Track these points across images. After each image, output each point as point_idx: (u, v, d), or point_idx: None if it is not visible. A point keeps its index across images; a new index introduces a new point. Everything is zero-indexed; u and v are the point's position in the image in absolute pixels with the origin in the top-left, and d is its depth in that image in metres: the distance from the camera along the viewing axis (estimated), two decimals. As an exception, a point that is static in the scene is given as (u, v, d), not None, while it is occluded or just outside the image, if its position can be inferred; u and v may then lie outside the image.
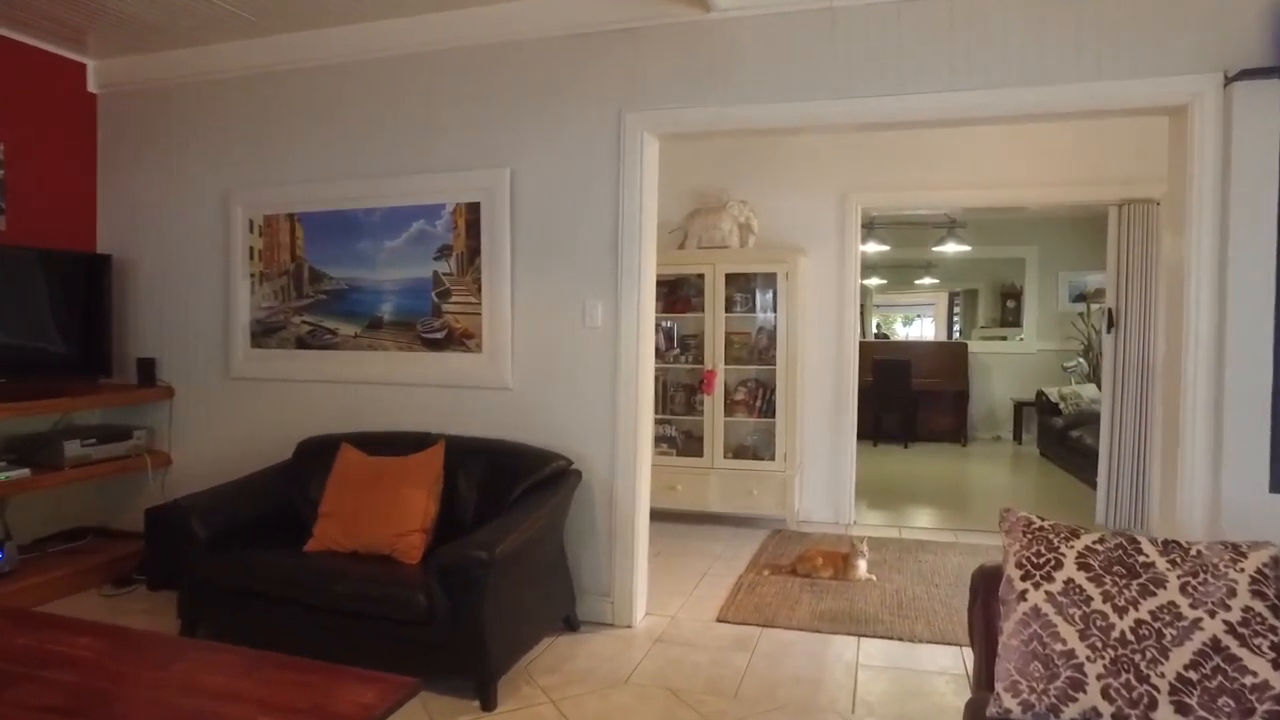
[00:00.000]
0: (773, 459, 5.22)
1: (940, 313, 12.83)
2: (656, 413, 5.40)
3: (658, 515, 5.39)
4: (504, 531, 2.89)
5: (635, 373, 3.53)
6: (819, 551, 4.27)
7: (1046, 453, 8.19)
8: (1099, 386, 8.39)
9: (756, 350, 5.39)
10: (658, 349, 5.54)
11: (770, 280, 5.27)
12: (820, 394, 5.48)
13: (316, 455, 3.67)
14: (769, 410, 5.26)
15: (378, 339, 3.99)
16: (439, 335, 3.88)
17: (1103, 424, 5.12)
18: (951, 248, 7.90)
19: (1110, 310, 5.09)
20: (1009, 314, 12.21)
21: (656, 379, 5.56)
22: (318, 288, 4.11)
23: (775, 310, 5.21)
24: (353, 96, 3.96)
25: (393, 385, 3.94)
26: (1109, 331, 5.09)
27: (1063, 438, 7.30)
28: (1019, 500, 6.26)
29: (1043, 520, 2.02)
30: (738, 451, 5.40)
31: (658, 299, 5.46)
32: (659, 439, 5.47)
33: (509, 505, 3.28)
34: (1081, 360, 8.82)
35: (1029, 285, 9.69)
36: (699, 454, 5.34)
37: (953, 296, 12.86)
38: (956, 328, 12.95)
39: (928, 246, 9.19)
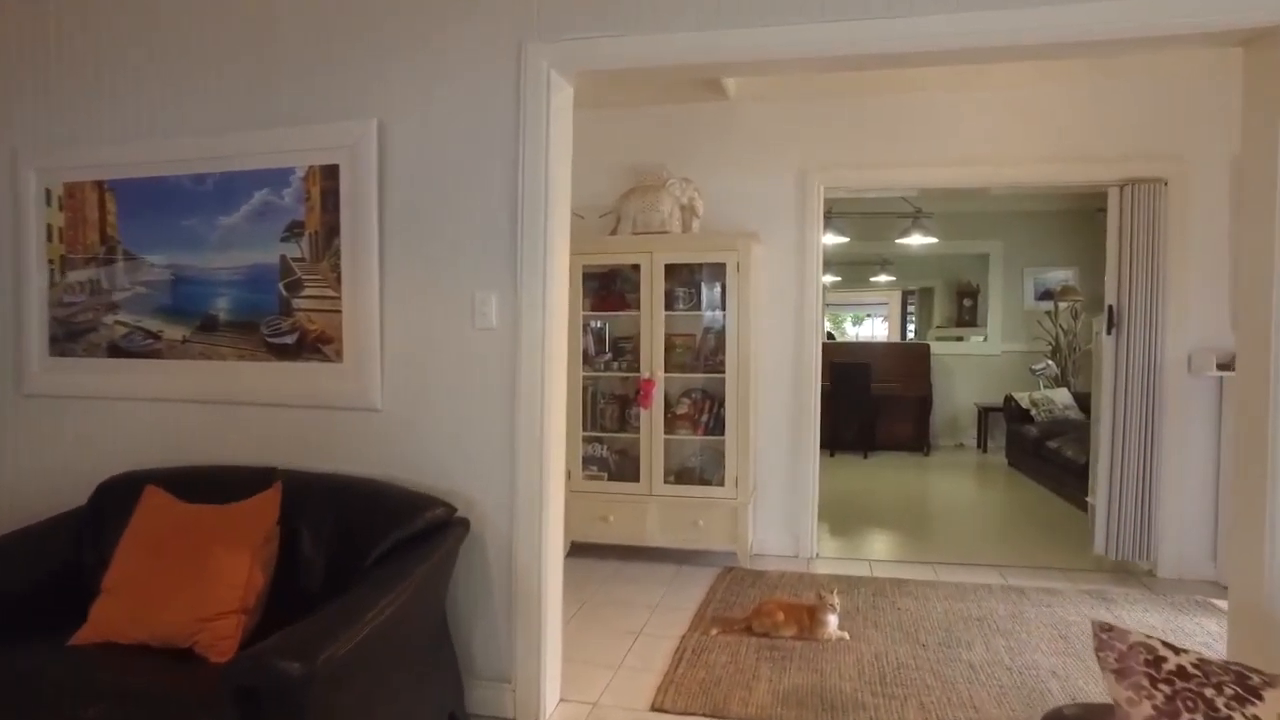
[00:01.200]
0: (722, 483, 4.40)
1: (894, 312, 12.30)
2: (585, 429, 4.55)
3: (585, 551, 4.59)
4: (339, 623, 2.00)
5: (541, 387, 2.66)
6: (779, 605, 3.46)
7: (1017, 463, 7.55)
8: (1071, 391, 7.80)
9: (702, 355, 4.57)
10: (586, 354, 4.69)
11: (718, 272, 4.46)
12: (777, 405, 4.68)
13: (121, 500, 2.72)
14: (717, 426, 4.45)
15: (212, 344, 3.06)
16: (289, 339, 2.96)
17: (1101, 437, 4.42)
18: (916, 240, 7.21)
19: (1111, 308, 4.39)
20: (966, 313, 11.68)
21: (585, 390, 4.72)
22: (135, 278, 3.16)
23: (724, 307, 4.40)
24: (173, 20, 3.02)
25: (230, 405, 3.01)
26: (1109, 332, 4.39)
27: (1038, 448, 6.65)
28: (1003, 523, 5.57)
29: (1177, 653, 1.22)
30: (680, 475, 4.58)
31: (586, 295, 4.63)
32: (588, 460, 4.61)
33: (366, 570, 2.39)
34: (1050, 362, 8.22)
35: (993, 282, 9.08)
36: (634, 478, 4.50)
37: (906, 295, 12.32)
38: (911, 327, 12.40)
39: (891, 239, 8.52)
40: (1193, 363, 4.29)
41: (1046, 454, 6.44)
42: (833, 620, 3.38)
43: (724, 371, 4.37)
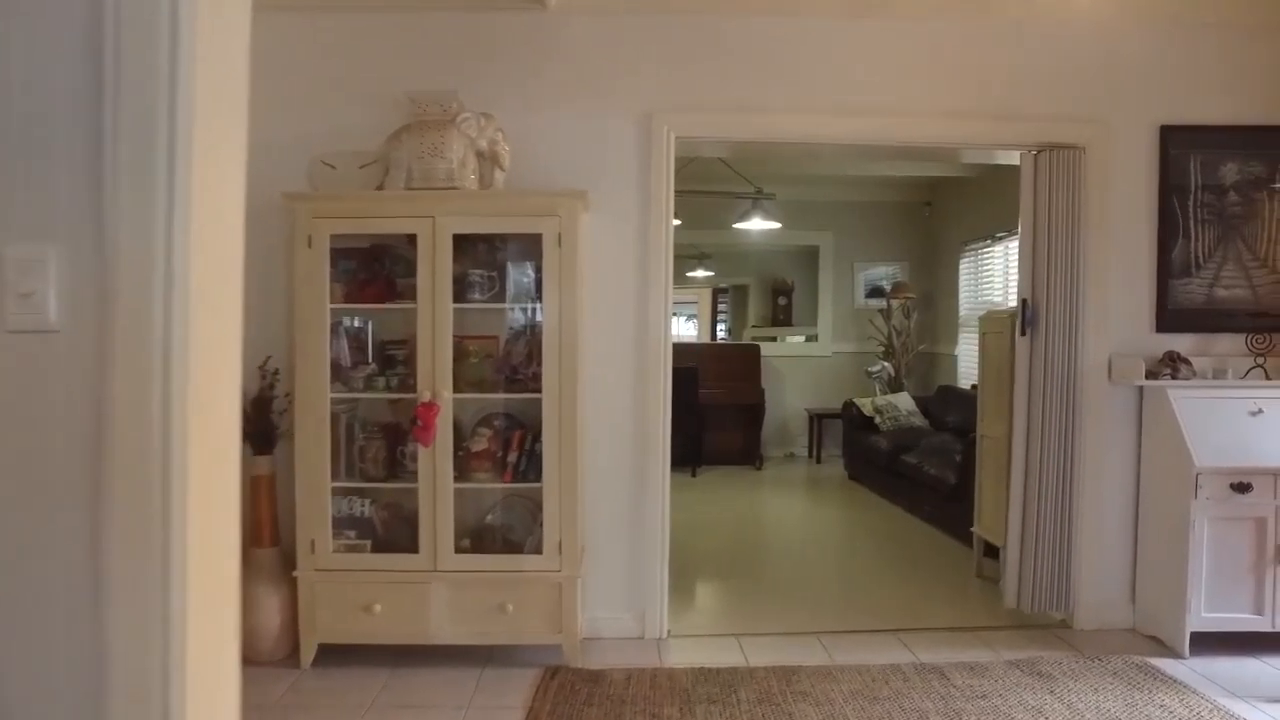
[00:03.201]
0: (539, 550, 3.09)
1: (704, 310, 11.58)
2: (337, 477, 3.09)
3: (340, 656, 3.03)
4: None
5: (165, 461, 1.20)
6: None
7: (861, 477, 6.82)
8: (911, 395, 7.21)
9: (510, 366, 3.23)
10: (338, 366, 3.19)
11: (531, 247, 3.13)
12: (614, 434, 3.43)
13: None
14: (531, 467, 3.13)
15: None
16: None
17: (1014, 466, 3.56)
18: (757, 224, 6.25)
19: (1025, 301, 3.53)
20: (781, 312, 11.14)
21: (335, 420, 3.23)
22: None
23: (540, 298, 3.08)
24: None
25: None
26: (1023, 333, 3.53)
27: (891, 463, 5.89)
28: (880, 564, 4.64)
29: None
30: (479, 540, 3.21)
31: (337, 279, 3.08)
32: (343, 524, 3.14)
33: None
34: (885, 364, 7.62)
35: (823, 277, 8.41)
36: (411, 546, 3.08)
37: (717, 293, 11.65)
38: (723, 327, 11.73)
39: (721, 225, 7.57)
40: (1114, 368, 3.53)
41: (903, 470, 5.68)
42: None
43: (540, 390, 3.06)
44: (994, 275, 7.00)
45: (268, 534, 3.13)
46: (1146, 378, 3.41)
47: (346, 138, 3.33)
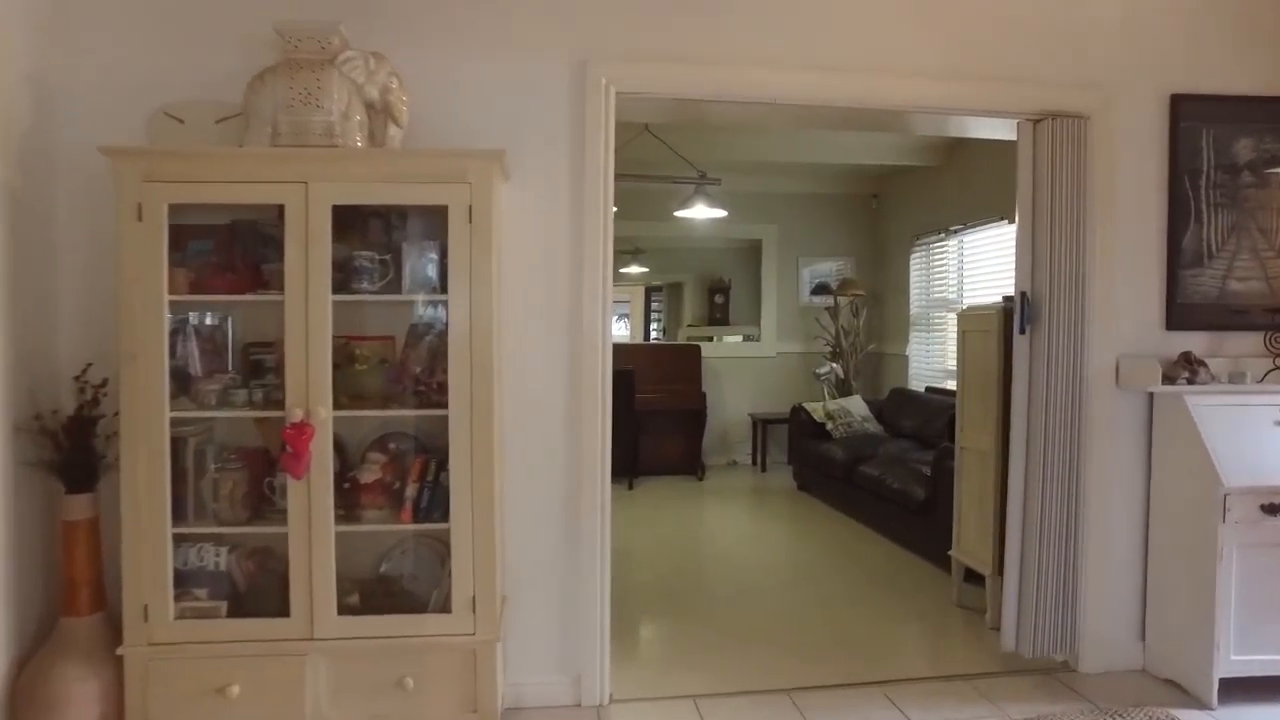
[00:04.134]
0: (447, 607, 2.43)
1: (636, 309, 11.05)
2: (180, 521, 2.39)
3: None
4: None
5: None
6: None
7: (812, 488, 6.32)
8: (864, 399, 6.75)
9: (408, 375, 2.55)
10: (186, 375, 2.48)
11: (436, 223, 2.46)
12: (542, 454, 2.79)
13: None
14: (437, 502, 2.46)
15: None
16: None
17: (1012, 485, 3.06)
18: (701, 212, 5.66)
19: (1025, 295, 3.03)
20: (717, 310, 10.67)
21: (181, 446, 2.51)
22: None
23: (445, 287, 2.41)
24: None
25: None
26: (1022, 331, 3.03)
27: (848, 474, 5.39)
28: (850, 595, 4.09)
29: None
30: (370, 596, 2.53)
31: (182, 263, 2.37)
32: (189, 580, 2.43)
33: None
34: (833, 365, 7.15)
35: (766, 273, 7.90)
36: (282, 608, 2.38)
37: (650, 292, 11.13)
38: (658, 326, 11.22)
39: (658, 216, 7.00)
40: (1122, 372, 3.06)
41: (862, 482, 5.18)
42: None
43: (446, 404, 2.40)
44: (947, 271, 6.60)
45: (87, 597, 2.38)
46: (1164, 383, 2.95)
47: (207, 86, 2.62)
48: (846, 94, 2.88)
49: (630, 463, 6.66)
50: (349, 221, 2.45)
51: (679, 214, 5.60)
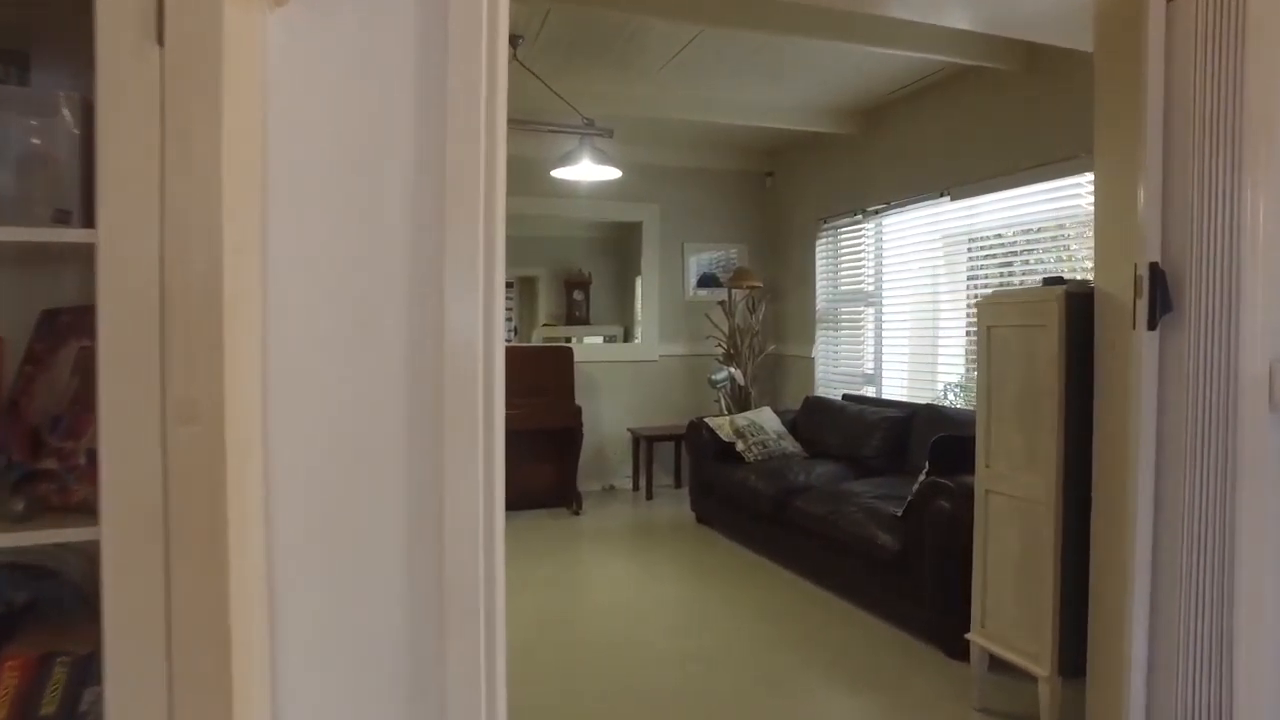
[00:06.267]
0: None
1: None
2: None
3: None
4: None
5: None
6: None
7: (716, 521, 5.15)
8: (772, 409, 5.65)
9: (21, 435, 1.07)
10: None
11: (74, 56, 1.01)
12: (349, 583, 1.37)
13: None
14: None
15: None
16: None
17: (1137, 548, 1.95)
18: (587, 172, 4.29)
19: (1158, 269, 1.93)
20: (577, 308, 9.50)
21: None
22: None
23: (89, 200, 0.97)
24: None
25: None
26: (1152, 326, 1.93)
27: (778, 512, 4.24)
28: (816, 688, 2.89)
29: None
30: None
31: None
32: None
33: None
34: (731, 370, 6.03)
35: (647, 261, 6.67)
36: None
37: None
38: (507, 326, 9.93)
39: (531, 185, 5.62)
40: (1277, 385, 2.04)
41: (801, 522, 4.04)
42: None
43: (98, 503, 0.95)
44: (863, 259, 5.64)
45: None
46: (1346, 401, 1.94)
47: None
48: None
49: (488, 497, 5.22)
50: None
51: (558, 174, 4.23)
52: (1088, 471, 2.36)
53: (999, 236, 4.46)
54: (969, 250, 4.69)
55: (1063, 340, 2.37)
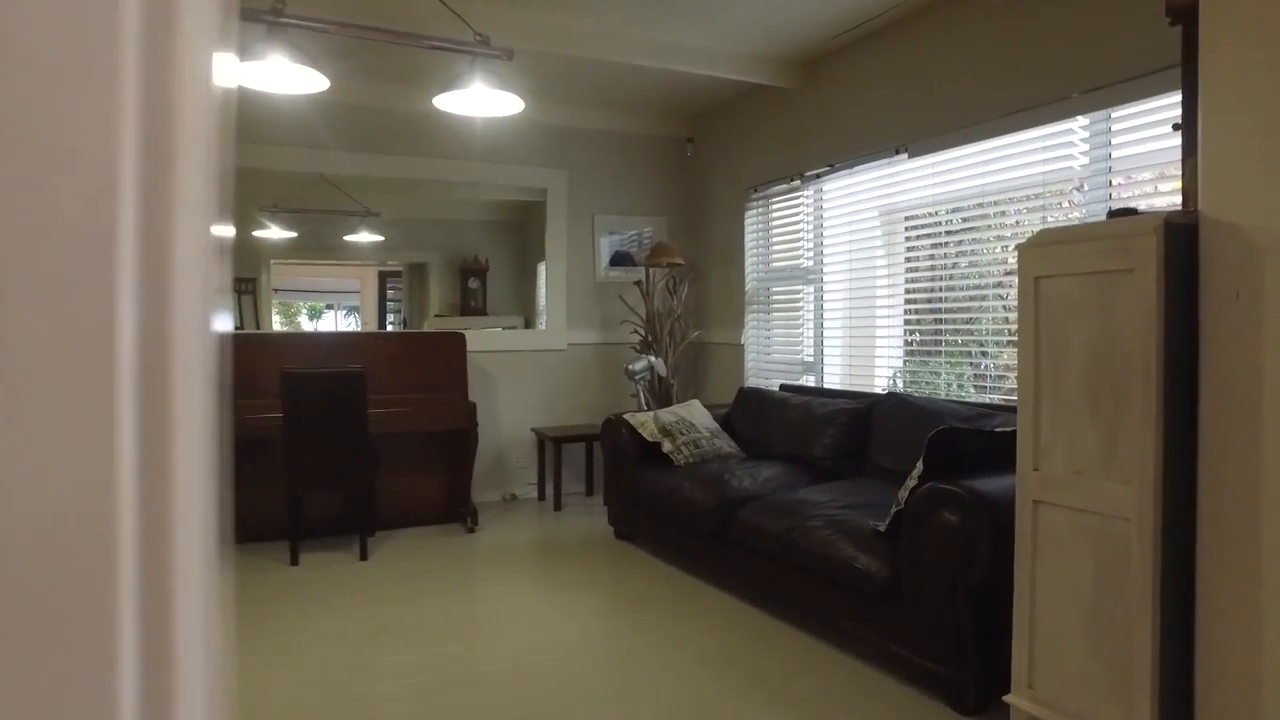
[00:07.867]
0: None
1: (369, 300, 9.17)
2: None
3: None
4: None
5: None
6: None
7: (640, 538, 4.36)
8: (702, 403, 4.89)
9: None
10: None
11: None
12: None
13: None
14: None
15: None
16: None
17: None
18: (480, 94, 3.33)
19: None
20: (472, 297, 8.66)
21: None
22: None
23: None
24: None
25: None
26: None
27: (724, 525, 3.47)
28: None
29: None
30: None
31: None
32: None
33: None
34: (651, 359, 5.25)
35: (553, 235, 5.81)
36: None
37: (386, 277, 9.10)
38: (396, 318, 9.05)
39: (416, 144, 4.68)
40: None
41: (750, 541, 3.28)
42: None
43: None
44: (800, 231, 4.97)
45: None
46: None
47: None
48: None
49: (364, 516, 4.28)
50: None
51: (442, 104, 3.28)
52: (1190, 475, 1.69)
53: (966, 200, 3.84)
54: (931, 216, 4.06)
55: (1160, 290, 1.69)
